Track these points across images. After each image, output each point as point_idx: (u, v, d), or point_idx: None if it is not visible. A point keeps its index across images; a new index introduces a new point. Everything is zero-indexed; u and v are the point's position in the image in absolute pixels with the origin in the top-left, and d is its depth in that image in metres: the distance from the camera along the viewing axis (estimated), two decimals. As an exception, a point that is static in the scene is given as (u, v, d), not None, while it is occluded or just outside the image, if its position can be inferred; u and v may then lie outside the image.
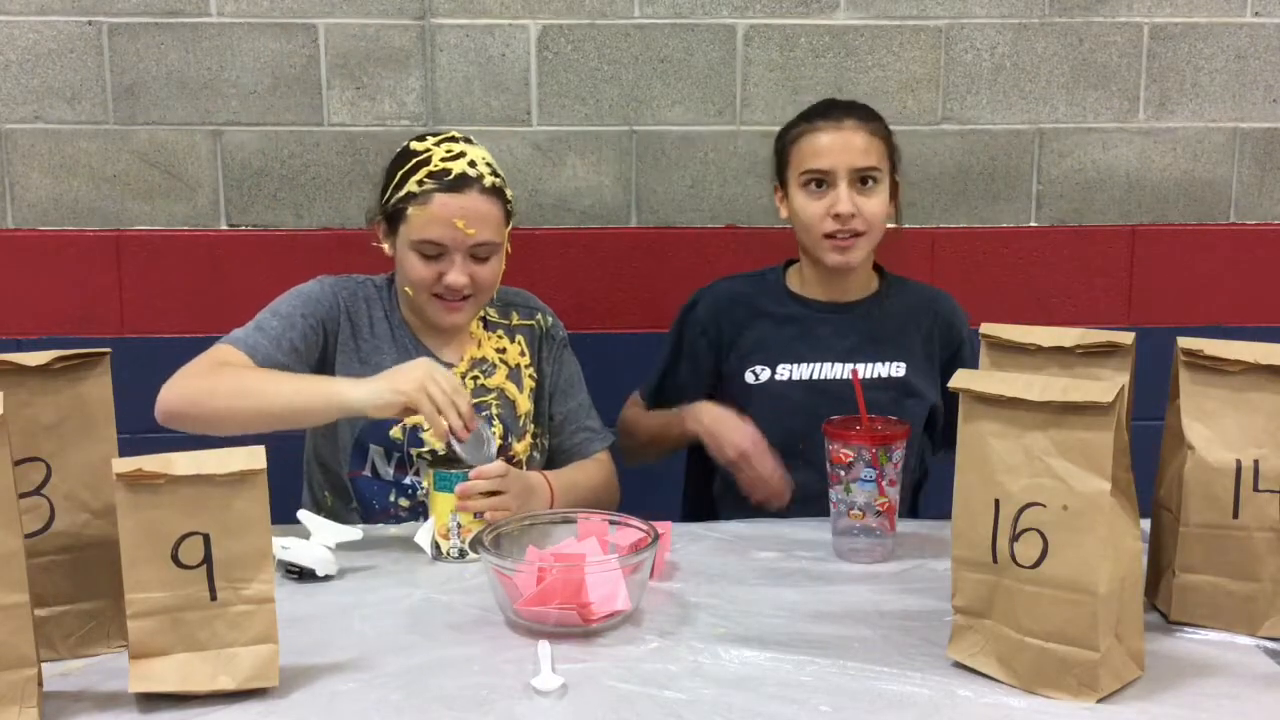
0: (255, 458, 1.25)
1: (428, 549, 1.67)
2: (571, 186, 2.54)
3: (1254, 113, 2.58)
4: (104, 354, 1.33)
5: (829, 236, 1.97)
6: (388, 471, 1.91)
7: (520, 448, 1.95)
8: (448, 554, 1.67)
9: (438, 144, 1.89)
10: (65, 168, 2.49)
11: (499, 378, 1.96)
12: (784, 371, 2.01)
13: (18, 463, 1.24)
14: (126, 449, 1.29)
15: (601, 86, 2.51)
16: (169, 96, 2.47)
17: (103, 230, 2.50)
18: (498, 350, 1.99)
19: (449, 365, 1.93)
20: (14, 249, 2.49)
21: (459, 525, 1.66)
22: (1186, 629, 1.42)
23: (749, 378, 2.02)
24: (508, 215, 1.92)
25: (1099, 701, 1.23)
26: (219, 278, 2.51)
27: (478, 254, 1.88)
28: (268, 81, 2.48)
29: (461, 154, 1.88)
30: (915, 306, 2.08)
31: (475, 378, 1.95)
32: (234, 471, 1.24)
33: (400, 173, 1.88)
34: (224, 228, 2.52)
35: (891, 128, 2.04)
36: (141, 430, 2.16)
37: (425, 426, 1.87)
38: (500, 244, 1.91)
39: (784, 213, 2.06)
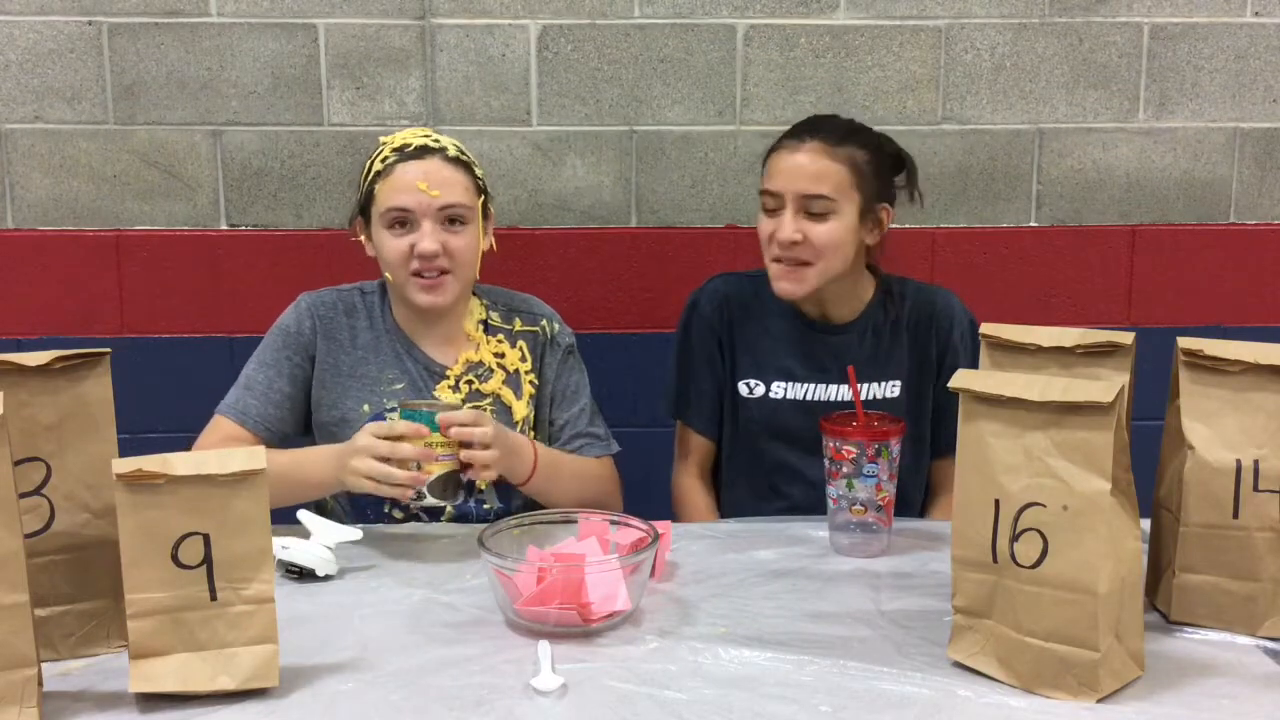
0: (255, 458, 1.25)
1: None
2: (571, 186, 2.54)
3: (1254, 113, 2.57)
4: (104, 354, 1.33)
5: (776, 261, 1.91)
6: None
7: None
8: (408, 501, 1.70)
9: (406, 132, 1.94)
10: (65, 168, 2.48)
11: (495, 383, 1.94)
12: (778, 389, 1.98)
13: (18, 463, 1.24)
14: (126, 449, 1.29)
15: (601, 86, 2.51)
16: (169, 96, 2.47)
17: (103, 230, 2.50)
18: (496, 355, 1.96)
19: (443, 368, 1.93)
20: (14, 249, 2.49)
21: (418, 465, 1.63)
22: (1186, 629, 1.42)
23: (743, 390, 2.00)
24: (480, 189, 1.91)
25: (1099, 701, 1.23)
26: (219, 278, 2.51)
27: (449, 222, 1.86)
28: (268, 81, 2.48)
29: (427, 135, 1.91)
30: (911, 313, 2.00)
31: (470, 382, 1.93)
32: (234, 471, 1.24)
33: (368, 162, 1.92)
34: (224, 228, 2.52)
35: (892, 128, 2.02)
36: (141, 430, 2.17)
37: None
38: (473, 211, 1.88)
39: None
